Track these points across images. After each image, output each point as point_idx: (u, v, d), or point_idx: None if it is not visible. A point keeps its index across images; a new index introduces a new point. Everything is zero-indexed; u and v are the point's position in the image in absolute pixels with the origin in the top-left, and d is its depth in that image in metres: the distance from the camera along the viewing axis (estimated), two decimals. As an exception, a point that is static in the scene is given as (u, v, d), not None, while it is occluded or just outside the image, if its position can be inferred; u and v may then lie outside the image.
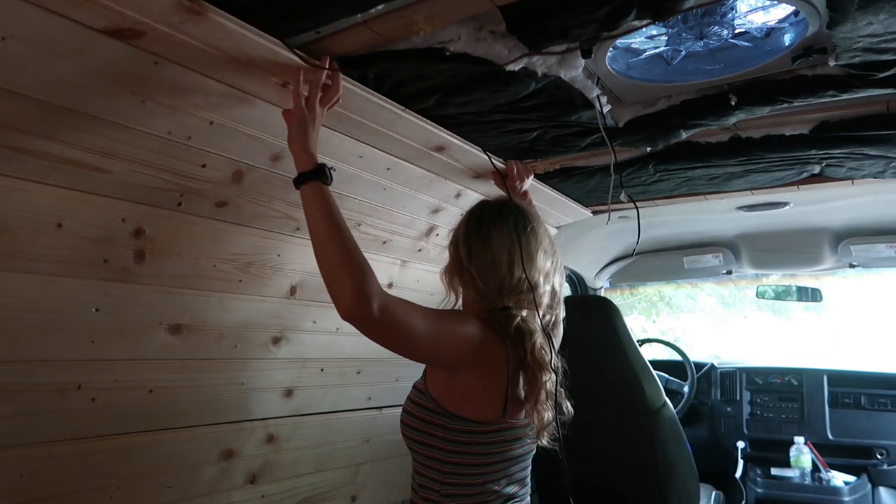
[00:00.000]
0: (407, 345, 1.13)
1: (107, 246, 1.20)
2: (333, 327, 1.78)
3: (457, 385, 1.24)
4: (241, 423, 1.61)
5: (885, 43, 1.10)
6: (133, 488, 1.38)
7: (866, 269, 2.79)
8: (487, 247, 1.30)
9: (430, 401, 1.26)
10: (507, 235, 1.31)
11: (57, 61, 0.93)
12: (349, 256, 1.06)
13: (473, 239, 1.33)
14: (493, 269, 1.29)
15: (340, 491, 1.95)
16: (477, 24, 1.12)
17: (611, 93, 1.42)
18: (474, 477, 1.25)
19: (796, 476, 2.83)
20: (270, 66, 1.08)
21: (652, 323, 6.60)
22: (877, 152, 1.60)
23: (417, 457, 1.31)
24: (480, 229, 1.33)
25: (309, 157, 1.13)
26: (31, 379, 1.16)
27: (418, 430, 1.28)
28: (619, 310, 2.15)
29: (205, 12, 0.91)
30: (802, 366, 3.14)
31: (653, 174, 1.85)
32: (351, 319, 1.04)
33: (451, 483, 1.25)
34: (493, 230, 1.31)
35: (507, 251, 1.29)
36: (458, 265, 1.34)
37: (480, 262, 1.30)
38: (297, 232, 1.55)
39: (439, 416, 1.24)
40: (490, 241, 1.31)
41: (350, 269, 1.05)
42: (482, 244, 1.31)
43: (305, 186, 1.12)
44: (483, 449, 1.25)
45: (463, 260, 1.33)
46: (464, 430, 1.23)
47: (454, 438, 1.24)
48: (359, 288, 1.03)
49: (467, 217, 1.38)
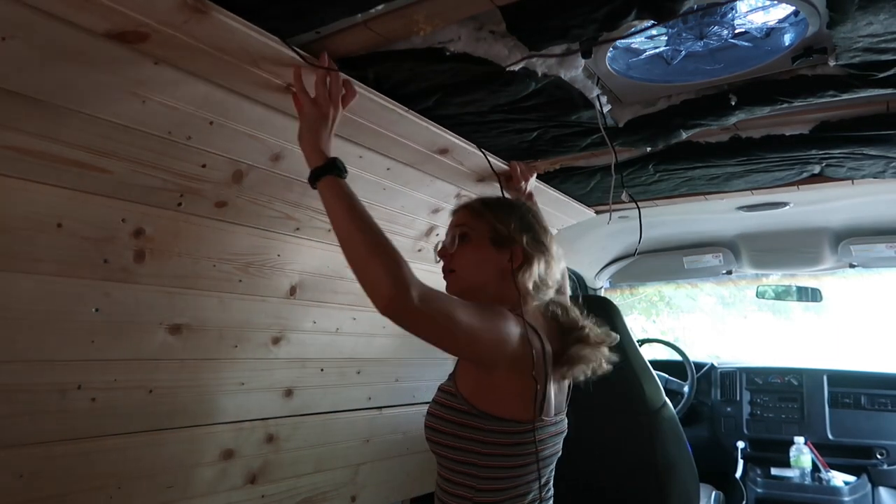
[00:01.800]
0: (448, 337, 1.10)
1: (107, 246, 1.20)
2: (333, 327, 1.78)
3: (491, 384, 1.20)
4: (241, 423, 1.61)
5: (885, 43, 1.10)
6: (133, 488, 1.38)
7: (866, 269, 2.79)
8: (549, 239, 1.36)
9: (462, 402, 1.21)
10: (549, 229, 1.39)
11: (57, 61, 0.93)
12: (380, 246, 1.03)
13: (541, 231, 1.35)
14: (554, 263, 1.35)
15: (340, 491, 1.95)
16: (477, 24, 1.12)
17: (611, 93, 1.42)
18: (510, 480, 1.22)
19: (796, 476, 2.83)
20: (272, 65, 1.08)
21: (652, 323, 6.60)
22: (877, 152, 1.60)
23: (448, 462, 1.24)
24: (539, 223, 1.37)
25: (319, 154, 1.11)
26: (31, 379, 1.16)
27: (450, 435, 1.22)
28: (619, 310, 2.15)
29: (209, 11, 0.91)
30: (802, 366, 3.15)
31: (653, 174, 1.85)
32: (390, 310, 0.99)
33: (488, 489, 1.21)
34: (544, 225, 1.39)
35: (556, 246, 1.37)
36: (522, 256, 1.30)
37: (544, 256, 1.33)
38: (297, 232, 1.55)
39: (474, 417, 1.19)
40: (549, 236, 1.36)
41: (382, 259, 1.01)
42: (546, 238, 1.35)
43: (321, 183, 1.10)
44: (520, 450, 1.21)
45: (530, 251, 1.31)
46: (501, 431, 1.19)
47: (492, 440, 1.19)
48: (395, 276, 0.99)
49: (521, 210, 1.38)
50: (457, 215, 1.40)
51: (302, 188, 1.45)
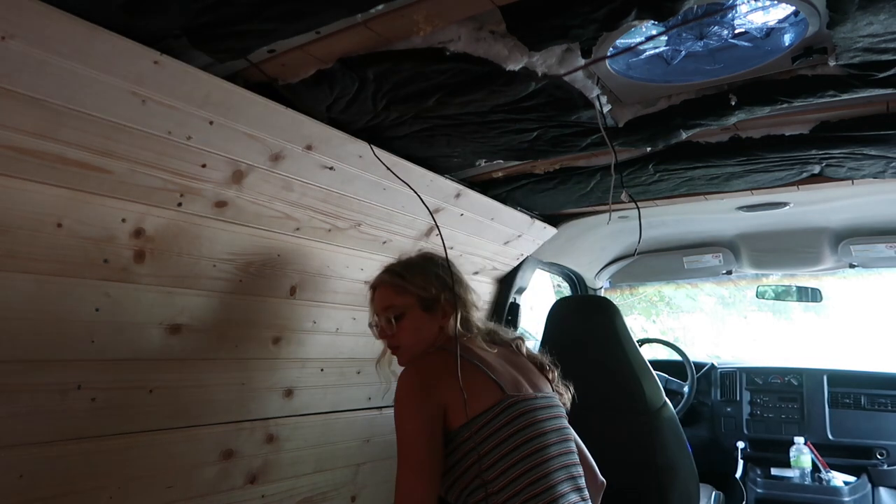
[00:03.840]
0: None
1: (107, 246, 1.20)
2: (333, 327, 1.78)
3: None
4: (241, 423, 1.60)
5: (885, 43, 1.10)
6: (133, 488, 1.38)
7: (866, 269, 2.79)
8: (460, 284, 1.56)
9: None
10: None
11: (57, 61, 0.93)
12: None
13: (453, 281, 1.53)
14: (470, 298, 1.58)
15: (340, 491, 1.95)
16: (477, 24, 1.12)
17: (611, 93, 1.42)
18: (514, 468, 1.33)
19: (796, 476, 2.83)
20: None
21: (652, 323, 6.60)
22: (877, 152, 1.60)
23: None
24: (447, 274, 1.54)
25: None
26: (31, 379, 1.16)
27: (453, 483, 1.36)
28: (619, 310, 2.15)
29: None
30: (802, 366, 3.14)
31: (653, 174, 1.85)
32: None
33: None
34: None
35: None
36: (450, 308, 1.50)
37: (463, 299, 1.55)
38: (297, 232, 1.55)
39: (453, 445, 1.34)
40: (456, 279, 1.55)
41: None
42: (457, 285, 1.54)
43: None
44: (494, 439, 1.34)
45: (452, 302, 1.50)
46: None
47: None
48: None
49: (431, 268, 1.54)
50: (379, 296, 1.55)
51: (302, 188, 1.45)
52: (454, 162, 1.75)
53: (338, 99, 1.29)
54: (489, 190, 1.96)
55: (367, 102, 1.31)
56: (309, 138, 1.35)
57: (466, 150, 1.66)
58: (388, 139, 1.51)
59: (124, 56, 0.98)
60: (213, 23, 0.99)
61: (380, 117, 1.39)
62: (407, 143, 1.55)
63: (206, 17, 0.97)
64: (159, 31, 1.00)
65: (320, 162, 1.42)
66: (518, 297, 2.54)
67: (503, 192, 2.00)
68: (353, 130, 1.43)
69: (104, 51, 0.95)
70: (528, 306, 2.78)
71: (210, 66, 1.12)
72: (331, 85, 1.23)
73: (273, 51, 1.12)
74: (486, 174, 1.91)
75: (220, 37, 1.04)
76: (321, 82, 1.22)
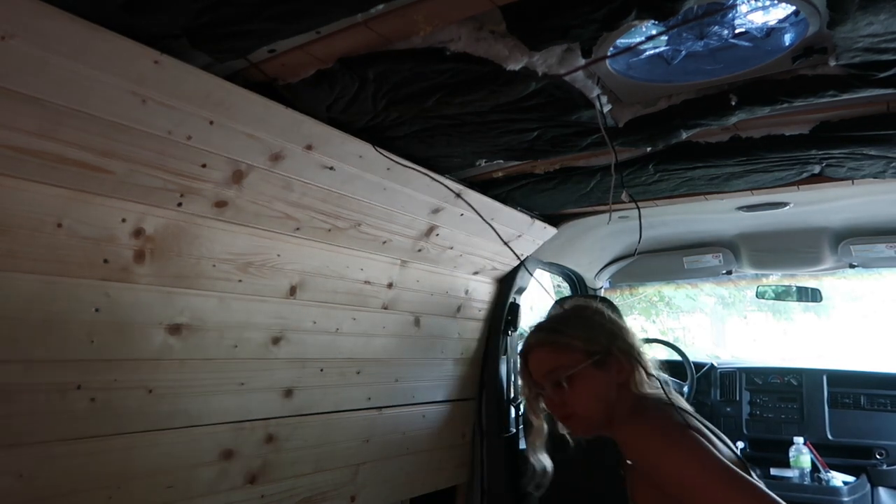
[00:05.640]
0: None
1: (107, 246, 1.20)
2: (333, 327, 1.78)
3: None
4: (241, 423, 1.60)
5: (886, 43, 1.10)
6: (133, 488, 1.38)
7: (866, 269, 2.79)
8: (627, 330, 1.40)
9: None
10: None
11: (57, 61, 0.93)
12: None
13: (618, 329, 1.37)
14: (643, 347, 1.39)
15: (340, 491, 1.95)
16: (477, 24, 1.12)
17: (611, 93, 1.42)
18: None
19: (796, 476, 2.83)
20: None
21: (652, 323, 6.60)
22: (877, 152, 1.60)
23: None
24: (609, 321, 1.38)
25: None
26: (31, 379, 1.16)
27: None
28: (619, 310, 2.14)
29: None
30: (802, 366, 3.14)
31: (653, 174, 1.85)
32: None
33: None
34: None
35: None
36: (627, 363, 1.32)
37: (637, 350, 1.36)
38: (297, 232, 1.55)
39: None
40: (622, 326, 1.40)
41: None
42: (626, 332, 1.38)
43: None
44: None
45: (627, 354, 1.32)
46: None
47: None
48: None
49: (591, 318, 1.37)
50: (535, 360, 1.32)
51: (302, 188, 1.45)
52: (454, 162, 1.75)
53: (338, 99, 1.29)
54: (489, 190, 1.96)
55: (368, 102, 1.31)
56: (309, 138, 1.35)
57: (466, 150, 1.66)
58: (388, 139, 1.51)
59: (124, 56, 0.97)
60: (214, 23, 0.99)
61: (380, 117, 1.39)
62: (407, 143, 1.55)
63: (207, 17, 0.97)
64: (159, 30, 1.00)
65: (320, 162, 1.42)
66: (518, 297, 2.54)
67: (503, 192, 2.00)
68: (354, 130, 1.43)
69: (104, 50, 0.95)
70: (528, 306, 2.78)
71: (210, 65, 1.12)
72: (331, 85, 1.23)
73: (273, 51, 1.12)
74: (486, 174, 1.91)
75: (220, 37, 1.04)
76: (321, 82, 1.22)
